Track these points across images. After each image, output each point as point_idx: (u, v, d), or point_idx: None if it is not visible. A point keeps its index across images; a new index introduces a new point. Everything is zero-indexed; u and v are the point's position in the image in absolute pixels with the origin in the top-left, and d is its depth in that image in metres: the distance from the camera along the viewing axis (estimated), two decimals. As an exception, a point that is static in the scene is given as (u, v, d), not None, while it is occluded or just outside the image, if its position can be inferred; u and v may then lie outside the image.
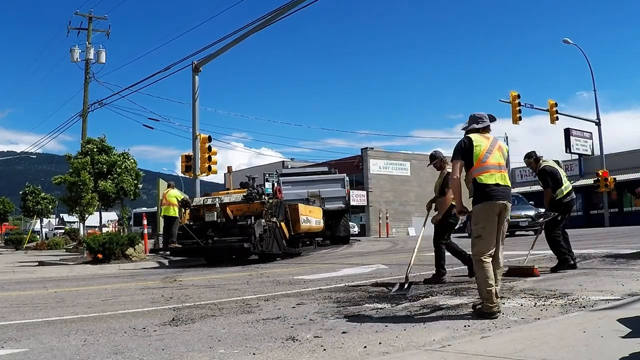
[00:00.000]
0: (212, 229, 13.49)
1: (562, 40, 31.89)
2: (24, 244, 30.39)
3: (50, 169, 47.80)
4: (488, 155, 4.80)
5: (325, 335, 4.27)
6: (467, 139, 4.87)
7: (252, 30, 16.72)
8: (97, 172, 21.91)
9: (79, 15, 27.60)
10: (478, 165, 4.77)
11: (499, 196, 4.71)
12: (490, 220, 4.70)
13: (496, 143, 4.92)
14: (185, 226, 14.04)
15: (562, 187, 7.95)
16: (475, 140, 4.84)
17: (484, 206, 4.70)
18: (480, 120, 5.01)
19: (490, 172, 4.76)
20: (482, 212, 4.71)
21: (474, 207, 4.78)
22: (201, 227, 13.71)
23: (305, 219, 15.09)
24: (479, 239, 4.71)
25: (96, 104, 26.15)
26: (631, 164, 33.90)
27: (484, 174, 4.75)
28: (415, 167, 45.08)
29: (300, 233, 15.14)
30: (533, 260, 9.02)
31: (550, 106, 28.76)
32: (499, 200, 4.70)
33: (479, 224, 4.71)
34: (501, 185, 4.75)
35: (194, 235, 13.38)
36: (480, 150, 4.79)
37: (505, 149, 5.03)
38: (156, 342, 4.32)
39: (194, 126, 18.48)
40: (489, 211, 4.70)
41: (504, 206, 4.75)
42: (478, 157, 4.78)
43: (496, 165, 4.80)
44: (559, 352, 3.22)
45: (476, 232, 4.74)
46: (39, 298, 7.77)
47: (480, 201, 4.72)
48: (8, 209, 44.88)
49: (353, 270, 10.10)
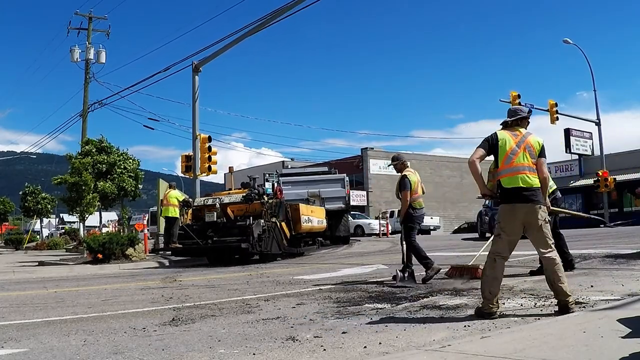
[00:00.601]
0: (212, 229, 13.56)
1: (562, 40, 31.88)
2: (24, 244, 30.39)
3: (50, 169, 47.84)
4: (512, 156, 4.69)
5: (325, 335, 4.27)
6: (494, 135, 4.79)
7: (252, 30, 16.72)
8: (97, 172, 21.91)
9: (79, 15, 27.62)
10: (502, 168, 4.72)
11: (522, 199, 4.61)
12: (510, 222, 4.66)
13: (525, 141, 4.74)
14: (186, 226, 14.10)
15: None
16: (501, 138, 4.75)
17: (506, 207, 4.69)
18: (514, 113, 4.90)
19: (513, 175, 4.66)
20: (505, 213, 4.71)
21: (499, 206, 4.79)
22: (201, 227, 13.79)
23: (307, 219, 15.09)
24: (497, 237, 4.73)
25: (96, 104, 26.17)
26: (631, 164, 33.90)
27: (507, 176, 4.68)
28: (415, 167, 44.79)
29: (302, 233, 15.13)
30: (533, 260, 9.01)
31: (550, 106, 28.77)
32: (521, 203, 4.61)
33: (500, 223, 4.73)
34: (524, 187, 4.61)
35: (193, 236, 13.46)
36: (504, 149, 4.70)
37: (536, 144, 4.76)
38: (156, 342, 4.32)
39: (194, 126, 18.48)
40: (511, 213, 4.66)
41: (530, 209, 4.61)
42: (502, 158, 4.71)
43: (520, 167, 4.66)
44: (559, 352, 3.22)
45: (496, 231, 4.76)
46: (39, 298, 7.77)
47: (503, 202, 4.73)
48: (8, 209, 44.89)
49: (353, 270, 10.09)
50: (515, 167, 4.67)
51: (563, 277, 4.53)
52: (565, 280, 4.53)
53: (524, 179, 4.63)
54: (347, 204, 21.90)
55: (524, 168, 4.67)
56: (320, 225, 16.72)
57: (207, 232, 13.52)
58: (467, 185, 49.14)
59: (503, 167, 4.72)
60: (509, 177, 4.67)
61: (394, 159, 8.22)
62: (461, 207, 48.57)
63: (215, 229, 13.56)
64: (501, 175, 4.73)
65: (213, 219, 13.80)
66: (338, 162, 40.60)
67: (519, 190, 4.63)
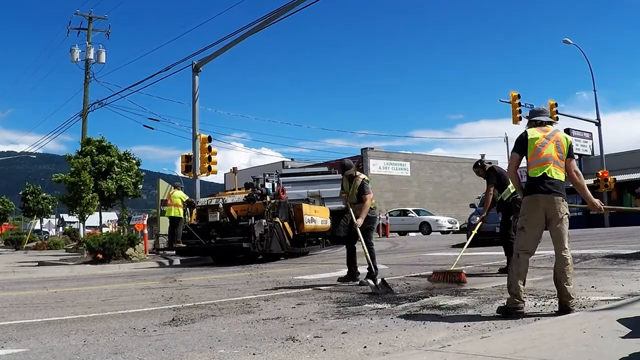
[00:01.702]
0: (215, 229, 13.76)
1: (562, 40, 31.88)
2: (24, 244, 30.39)
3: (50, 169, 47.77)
4: (541, 148, 4.73)
5: (325, 335, 4.27)
6: (524, 133, 4.86)
7: (252, 30, 16.72)
8: (97, 172, 21.91)
9: (79, 15, 27.60)
10: (531, 160, 4.77)
11: (544, 189, 4.62)
12: (533, 213, 4.66)
13: (553, 135, 4.80)
14: (189, 226, 14.32)
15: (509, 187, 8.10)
16: (530, 132, 4.83)
17: (528, 198, 4.71)
18: (540, 114, 5.01)
19: (539, 166, 4.70)
20: (527, 204, 4.72)
21: (523, 198, 4.81)
22: (205, 227, 14.00)
23: (310, 218, 15.18)
24: (521, 230, 4.72)
25: (96, 104, 26.14)
26: (631, 164, 33.89)
27: (534, 167, 4.73)
28: (415, 167, 45.08)
29: (305, 233, 15.23)
30: (533, 260, 9.01)
31: (550, 106, 28.75)
32: (543, 193, 4.62)
33: (524, 215, 4.73)
34: (549, 177, 4.64)
35: (197, 236, 13.68)
36: (534, 142, 4.76)
37: (564, 140, 4.80)
38: (156, 342, 4.32)
39: (194, 126, 18.48)
40: (533, 204, 4.67)
41: (551, 199, 4.60)
42: (531, 151, 4.76)
43: (549, 157, 4.70)
44: (558, 352, 3.22)
45: (520, 224, 4.76)
46: (39, 298, 7.77)
47: (527, 193, 4.74)
48: (8, 209, 44.88)
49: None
50: (544, 158, 4.71)
51: (571, 278, 4.53)
52: (572, 283, 4.54)
53: (549, 170, 4.66)
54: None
55: (552, 159, 4.70)
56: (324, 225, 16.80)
57: (210, 232, 13.71)
58: (467, 185, 49.12)
59: (532, 159, 4.76)
60: (537, 167, 4.72)
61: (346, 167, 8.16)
62: (461, 207, 48.47)
63: (218, 228, 13.73)
64: (530, 166, 4.78)
65: (216, 219, 13.99)
66: (338, 162, 40.59)
67: (542, 179, 4.64)
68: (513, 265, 4.71)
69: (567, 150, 4.77)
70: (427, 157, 48.98)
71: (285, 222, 13.89)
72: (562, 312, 4.49)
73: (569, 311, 4.45)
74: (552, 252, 8.22)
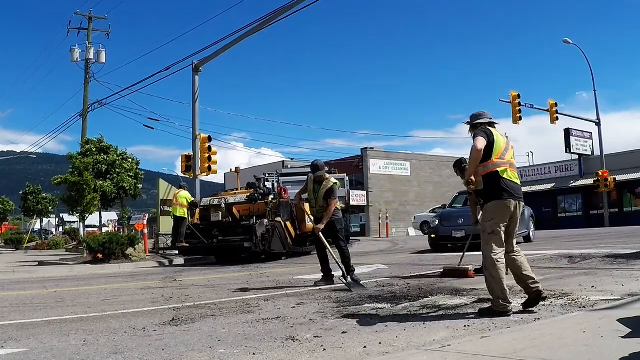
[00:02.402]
0: (218, 228, 13.91)
1: (562, 40, 31.89)
2: (24, 243, 30.38)
3: (50, 169, 47.79)
4: (505, 152, 4.81)
5: (325, 335, 4.27)
6: (488, 131, 4.82)
7: (252, 30, 16.73)
8: (97, 172, 21.90)
9: (79, 15, 27.61)
10: (497, 159, 4.74)
11: (517, 194, 4.75)
12: (505, 216, 4.70)
13: (509, 142, 4.96)
14: (192, 226, 14.49)
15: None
16: (496, 134, 4.85)
17: (500, 202, 4.69)
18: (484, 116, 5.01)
19: (507, 168, 4.76)
20: (498, 208, 4.70)
21: (490, 202, 4.74)
22: (207, 226, 14.16)
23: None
24: (492, 235, 4.69)
25: (96, 104, 26.16)
26: (631, 164, 33.88)
27: (502, 167, 4.74)
28: (415, 167, 45.06)
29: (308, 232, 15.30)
30: (533, 260, 9.01)
31: (550, 106, 28.78)
32: (515, 199, 4.73)
33: (494, 219, 4.69)
34: (517, 183, 4.81)
35: (199, 235, 13.84)
36: (499, 143, 4.79)
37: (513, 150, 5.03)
38: (156, 342, 4.32)
39: (194, 126, 18.49)
40: (505, 208, 4.70)
41: (519, 204, 4.78)
42: (497, 152, 4.76)
43: (512, 163, 4.85)
44: (558, 352, 3.22)
45: (490, 228, 4.70)
46: (39, 298, 7.77)
47: (497, 197, 4.70)
48: (8, 209, 44.88)
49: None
50: (511, 163, 4.83)
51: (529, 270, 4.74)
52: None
53: (516, 175, 4.86)
54: (347, 204, 21.90)
55: (514, 165, 4.88)
56: None
57: (212, 231, 13.84)
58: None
59: (499, 160, 4.75)
60: (506, 168, 4.75)
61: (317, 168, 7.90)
62: (461, 207, 48.53)
63: (220, 228, 13.86)
64: (497, 166, 4.74)
65: (218, 218, 14.17)
66: (338, 162, 40.56)
67: (518, 186, 4.80)
68: (494, 270, 4.60)
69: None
70: (427, 157, 48.96)
71: (287, 222, 13.95)
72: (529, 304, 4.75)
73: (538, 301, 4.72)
74: (551, 252, 8.27)
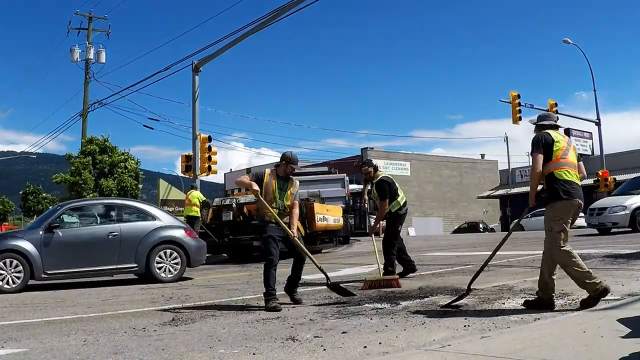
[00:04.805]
0: (229, 227, 14.23)
1: (562, 40, 31.88)
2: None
3: (50, 169, 47.76)
4: (566, 153, 4.91)
5: (325, 335, 4.27)
6: (547, 134, 4.93)
7: (252, 30, 16.73)
8: (99, 171, 21.92)
9: (79, 15, 27.62)
10: (558, 161, 4.85)
11: (578, 195, 4.85)
12: (569, 215, 4.85)
13: (571, 143, 5.03)
14: (205, 225, 14.87)
15: (398, 199, 8.21)
16: (555, 136, 4.93)
17: (567, 202, 4.81)
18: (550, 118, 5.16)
19: (568, 170, 4.86)
20: (564, 207, 4.82)
21: (554, 203, 4.84)
22: (219, 226, 14.50)
23: (322, 217, 15.44)
24: (560, 233, 4.81)
25: (96, 103, 26.12)
26: (631, 164, 33.88)
27: (563, 169, 4.84)
28: (415, 167, 45.09)
29: (318, 231, 15.47)
30: (533, 260, 9.00)
31: (550, 106, 28.75)
32: (577, 199, 4.83)
33: (562, 218, 4.81)
34: (577, 183, 4.90)
35: (211, 234, 14.18)
36: (559, 145, 4.89)
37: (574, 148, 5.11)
38: (156, 342, 4.32)
39: (194, 126, 18.50)
40: (570, 207, 4.83)
41: (580, 205, 4.88)
42: (558, 153, 4.86)
43: (572, 164, 4.92)
44: (559, 352, 3.22)
45: (558, 227, 4.81)
46: (39, 298, 7.77)
47: (561, 198, 4.81)
48: (8, 209, 44.89)
49: (353, 270, 10.10)
50: (570, 163, 4.91)
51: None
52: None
53: (577, 176, 4.93)
54: (347, 204, 21.91)
55: (575, 167, 4.96)
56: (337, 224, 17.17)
57: (224, 230, 14.20)
58: (467, 185, 49.10)
59: (558, 161, 4.85)
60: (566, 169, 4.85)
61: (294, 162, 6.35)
62: (461, 207, 48.54)
63: (231, 227, 14.15)
64: (561, 167, 4.84)
65: (229, 218, 14.42)
66: (338, 162, 40.57)
67: (579, 186, 4.90)
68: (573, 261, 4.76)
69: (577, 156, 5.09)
70: (427, 157, 48.99)
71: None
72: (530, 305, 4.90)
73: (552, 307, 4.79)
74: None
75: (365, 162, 8.52)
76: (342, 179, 22.25)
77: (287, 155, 6.28)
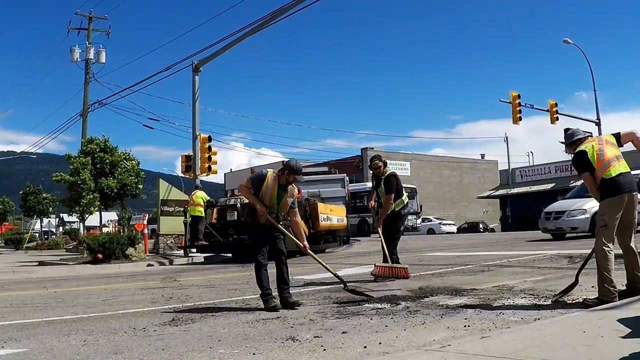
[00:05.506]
0: (233, 227, 14.32)
1: (562, 40, 31.87)
2: (24, 244, 30.38)
3: (50, 169, 47.74)
4: (602, 153, 5.05)
5: (325, 335, 4.27)
6: (580, 152, 5.13)
7: (253, 30, 16.73)
8: (99, 171, 21.88)
9: (79, 15, 27.55)
10: (599, 167, 5.03)
11: (625, 188, 4.95)
12: (616, 211, 4.94)
13: (601, 139, 5.21)
14: (210, 225, 14.99)
15: (402, 198, 8.16)
16: (586, 147, 5.11)
17: (611, 200, 4.94)
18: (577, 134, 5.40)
19: (610, 166, 5.00)
20: (609, 204, 4.95)
21: (603, 200, 5.00)
22: (224, 225, 14.63)
23: (326, 217, 15.47)
24: (603, 228, 4.95)
25: (96, 104, 26.11)
26: (631, 164, 33.54)
27: (608, 169, 5.00)
28: (415, 167, 45.12)
29: (322, 231, 15.49)
30: (533, 260, 9.01)
31: (550, 106, 28.76)
32: (624, 192, 4.94)
33: (606, 214, 4.95)
34: (623, 173, 5.01)
35: (215, 234, 14.38)
36: (593, 153, 5.05)
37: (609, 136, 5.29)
38: (156, 342, 4.32)
39: (194, 126, 18.51)
40: (616, 203, 4.93)
41: (631, 197, 4.95)
42: (596, 162, 5.03)
43: (613, 158, 5.06)
44: (559, 352, 3.22)
45: (602, 222, 4.98)
46: (39, 298, 7.77)
47: (608, 196, 4.96)
48: (8, 209, 44.88)
49: (353, 270, 10.10)
50: (610, 159, 5.05)
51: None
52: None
53: (621, 165, 5.06)
54: (347, 204, 21.93)
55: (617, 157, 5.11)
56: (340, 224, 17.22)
57: (228, 230, 14.30)
58: (467, 185, 49.12)
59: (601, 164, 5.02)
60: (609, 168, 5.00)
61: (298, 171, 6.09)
62: (461, 207, 48.58)
63: (236, 227, 14.20)
64: (605, 168, 5.02)
65: (234, 217, 14.55)
66: (338, 162, 40.60)
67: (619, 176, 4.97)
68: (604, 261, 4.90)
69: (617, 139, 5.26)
70: (427, 157, 49.03)
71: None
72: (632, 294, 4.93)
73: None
74: (551, 252, 8.26)
75: (376, 157, 8.54)
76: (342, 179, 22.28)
77: (291, 165, 5.98)
